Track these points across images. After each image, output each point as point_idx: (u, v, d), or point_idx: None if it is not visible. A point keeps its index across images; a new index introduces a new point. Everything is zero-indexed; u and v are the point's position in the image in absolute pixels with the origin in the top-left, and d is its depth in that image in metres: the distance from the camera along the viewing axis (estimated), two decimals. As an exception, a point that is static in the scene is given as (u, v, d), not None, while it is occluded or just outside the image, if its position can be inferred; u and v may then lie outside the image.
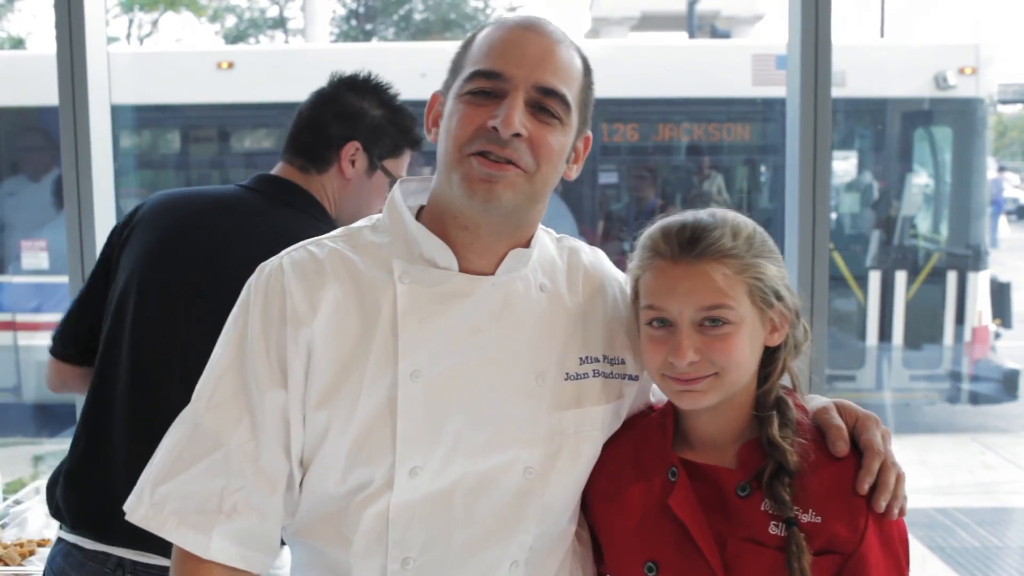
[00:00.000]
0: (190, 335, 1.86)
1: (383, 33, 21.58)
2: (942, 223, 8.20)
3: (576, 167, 1.45)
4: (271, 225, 1.94)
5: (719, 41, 11.21)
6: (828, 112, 2.61)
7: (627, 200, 8.16)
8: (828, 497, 1.33)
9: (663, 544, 1.38)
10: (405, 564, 1.34)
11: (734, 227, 1.37)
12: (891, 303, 7.75)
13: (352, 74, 2.11)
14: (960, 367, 7.93)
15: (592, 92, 1.43)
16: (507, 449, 1.36)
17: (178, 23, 33.40)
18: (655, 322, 1.37)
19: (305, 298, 1.34)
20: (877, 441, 1.36)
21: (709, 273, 1.33)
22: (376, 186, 2.10)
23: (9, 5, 20.43)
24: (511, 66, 1.31)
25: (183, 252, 1.94)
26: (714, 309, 1.33)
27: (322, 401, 1.32)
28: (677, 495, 1.38)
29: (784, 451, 1.34)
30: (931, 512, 6.02)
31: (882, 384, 7.91)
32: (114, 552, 1.87)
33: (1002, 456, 7.43)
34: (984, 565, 5.26)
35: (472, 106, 1.32)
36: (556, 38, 1.35)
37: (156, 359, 1.90)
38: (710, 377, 1.35)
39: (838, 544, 1.31)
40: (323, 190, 2.05)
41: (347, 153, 2.04)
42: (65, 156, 2.76)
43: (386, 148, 2.09)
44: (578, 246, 1.56)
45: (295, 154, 2.06)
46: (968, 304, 7.75)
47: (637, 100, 7.82)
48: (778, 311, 1.38)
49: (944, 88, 7.73)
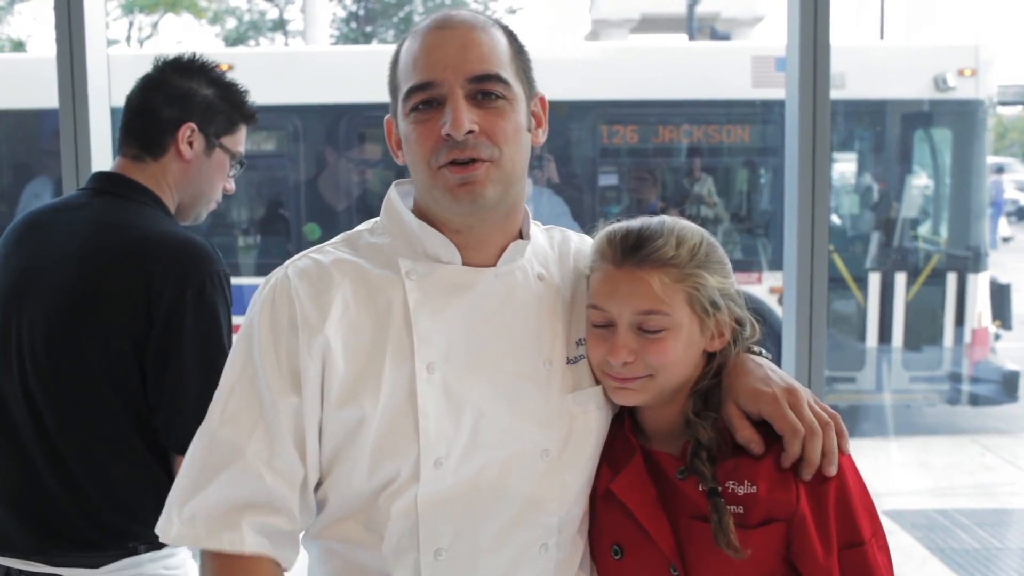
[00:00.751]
0: (23, 348, 1.91)
1: (383, 36, 21.59)
2: (942, 225, 8.20)
3: (541, 131, 1.48)
4: (91, 216, 1.97)
5: (718, 43, 11.22)
6: (827, 114, 2.61)
7: (627, 202, 8.17)
8: (759, 468, 1.38)
9: (623, 527, 1.45)
10: (438, 555, 1.36)
11: (680, 236, 1.42)
12: (891, 305, 7.75)
13: (176, 56, 2.11)
14: (960, 369, 7.93)
15: (525, 55, 1.45)
16: (525, 434, 1.40)
17: (178, 25, 33.44)
18: (598, 323, 1.44)
19: (314, 304, 1.36)
20: (787, 415, 1.37)
21: (647, 280, 1.40)
22: (216, 164, 2.10)
23: (9, 8, 20.44)
24: (438, 71, 1.34)
25: (4, 274, 1.99)
26: (649, 315, 1.40)
27: (343, 401, 1.35)
28: (620, 481, 1.44)
29: (697, 427, 1.41)
30: (931, 513, 6.02)
31: (882, 386, 7.91)
32: (2, 562, 1.92)
33: (1002, 457, 7.43)
34: (984, 567, 5.26)
35: (421, 123, 1.36)
36: (469, 25, 1.38)
37: (2, 380, 1.95)
38: (644, 378, 1.42)
39: (778, 511, 1.36)
40: (161, 176, 2.05)
41: (183, 136, 2.04)
42: (65, 159, 2.77)
43: (221, 126, 2.09)
44: (567, 234, 1.61)
45: (129, 143, 2.06)
46: (968, 306, 7.75)
47: (636, 102, 7.84)
48: (716, 320, 1.44)
49: (944, 90, 7.73)
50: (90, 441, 1.88)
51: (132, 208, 1.98)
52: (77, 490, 1.88)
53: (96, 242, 1.92)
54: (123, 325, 1.85)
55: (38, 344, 1.90)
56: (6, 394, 1.94)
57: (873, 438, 7.59)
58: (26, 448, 1.91)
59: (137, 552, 1.90)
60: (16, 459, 1.92)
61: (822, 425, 1.38)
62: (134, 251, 1.89)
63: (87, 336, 1.87)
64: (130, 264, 1.87)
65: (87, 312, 1.87)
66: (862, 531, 1.37)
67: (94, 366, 1.87)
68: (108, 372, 1.86)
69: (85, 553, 1.89)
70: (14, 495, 1.92)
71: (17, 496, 1.92)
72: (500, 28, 1.42)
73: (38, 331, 1.90)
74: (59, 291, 1.90)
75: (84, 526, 1.88)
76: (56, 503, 1.89)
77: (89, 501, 1.88)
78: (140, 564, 1.91)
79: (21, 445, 1.91)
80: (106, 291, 1.87)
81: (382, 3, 21.82)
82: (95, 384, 1.87)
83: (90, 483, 1.88)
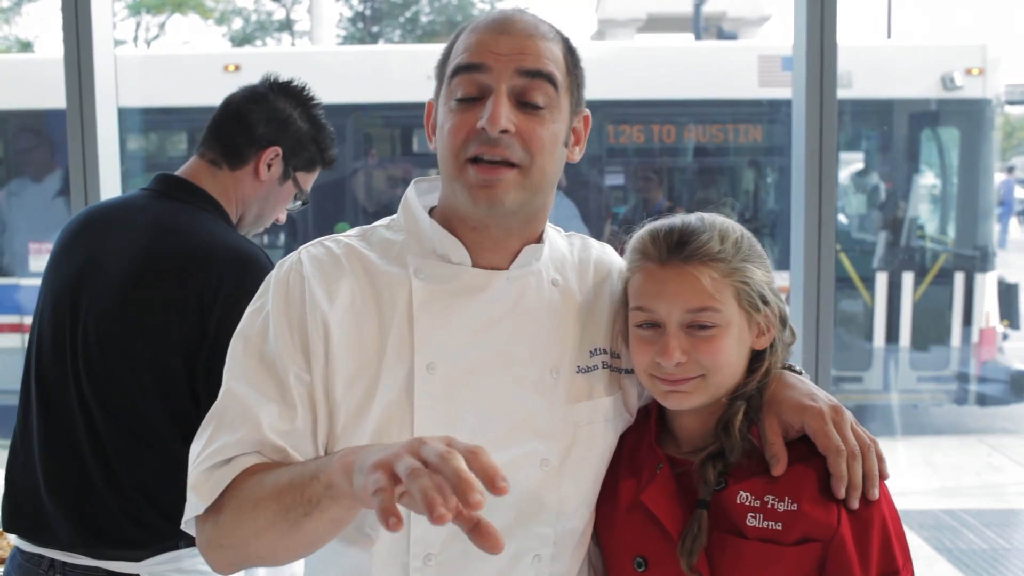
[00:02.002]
0: (77, 346, 1.93)
1: (389, 36, 21.61)
2: (949, 224, 8.18)
3: (578, 149, 1.45)
4: (150, 219, 1.98)
5: (725, 43, 11.20)
6: (834, 113, 2.61)
7: (633, 202, 8.17)
8: (800, 486, 1.34)
9: (649, 539, 1.40)
10: (427, 560, 1.35)
11: (722, 231, 1.39)
12: (898, 304, 7.73)
13: (287, 80, 2.14)
14: (968, 368, 7.91)
15: (580, 71, 1.42)
16: (524, 441, 1.37)
17: (185, 26, 33.52)
18: (644, 324, 1.39)
19: (322, 288, 1.36)
20: (833, 437, 1.35)
21: (697, 276, 1.36)
22: (284, 194, 2.14)
23: (17, 8, 20.50)
24: (490, 56, 1.32)
25: (65, 267, 2.01)
26: (701, 312, 1.35)
27: (342, 392, 1.34)
28: (650, 491, 1.40)
29: (735, 443, 1.36)
30: (938, 514, 6.01)
31: (890, 385, 7.90)
32: (46, 554, 1.95)
33: (1009, 458, 7.41)
34: (991, 567, 5.25)
35: (459, 113, 1.33)
36: (532, 24, 1.36)
37: (54, 377, 1.97)
38: (696, 379, 1.37)
39: (817, 531, 1.32)
40: (232, 187, 2.07)
41: (267, 157, 2.07)
42: (72, 159, 2.78)
43: (303, 161, 2.13)
44: (588, 242, 1.58)
45: (211, 146, 2.07)
46: (976, 305, 7.73)
47: (643, 102, 7.83)
48: (765, 315, 1.41)
49: (951, 89, 7.71)
50: (136, 446, 1.89)
51: (192, 213, 1.99)
52: (122, 492, 1.90)
53: (152, 246, 1.93)
54: (174, 333, 1.86)
55: (92, 344, 1.91)
56: (61, 390, 1.94)
57: (880, 438, 7.57)
58: (77, 445, 1.92)
59: (177, 547, 1.92)
60: (67, 455, 1.93)
61: (863, 448, 1.36)
62: (189, 258, 1.89)
63: (139, 342, 1.88)
64: (184, 272, 1.88)
65: (140, 318, 1.89)
66: (897, 559, 1.34)
67: (143, 373, 1.88)
68: (157, 381, 1.87)
69: (127, 548, 1.91)
70: (62, 489, 1.94)
71: (65, 491, 1.93)
72: (561, 39, 1.40)
73: (92, 331, 1.91)
74: (114, 293, 1.91)
75: (127, 525, 1.90)
76: (102, 501, 1.90)
77: (133, 503, 1.89)
78: (180, 559, 1.92)
79: (73, 441, 1.92)
80: (159, 298, 1.88)
81: (388, 3, 21.84)
82: (144, 391, 1.88)
83: (135, 487, 1.89)
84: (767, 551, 1.33)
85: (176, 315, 1.86)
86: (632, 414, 1.51)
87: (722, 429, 1.39)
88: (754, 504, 1.35)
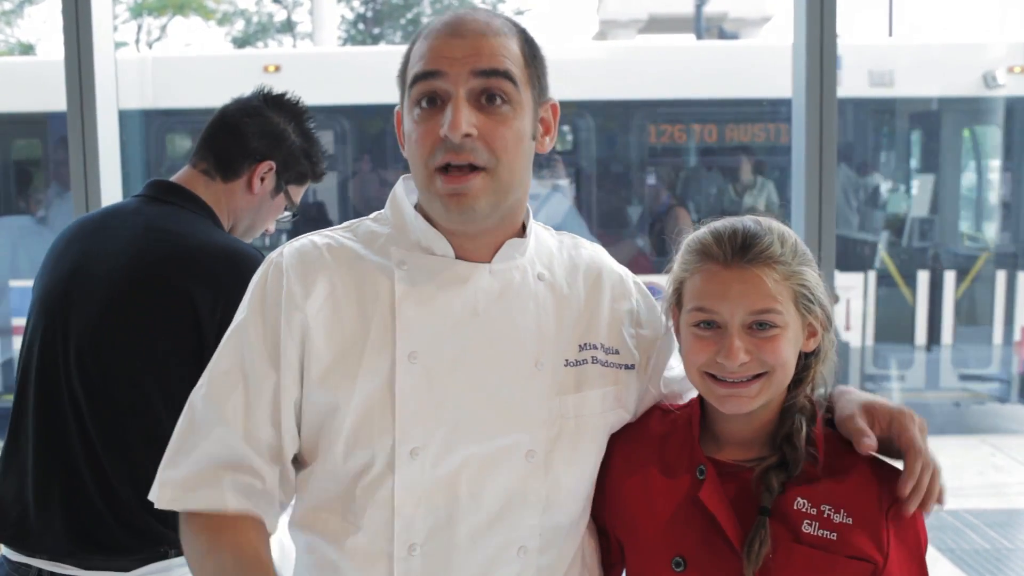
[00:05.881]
0: (69, 347, 1.93)
1: (391, 37, 21.61)
2: (991, 222, 8.15)
3: (548, 139, 1.46)
4: (141, 222, 1.99)
5: (727, 42, 11.20)
6: (833, 111, 2.61)
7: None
8: (857, 501, 1.37)
9: (691, 539, 1.41)
10: (412, 551, 1.35)
11: (780, 235, 1.41)
12: (940, 302, 7.69)
13: (281, 93, 2.15)
14: (1009, 367, 7.89)
15: (540, 60, 1.42)
16: (509, 432, 1.38)
17: (187, 28, 33.54)
18: (703, 324, 1.40)
19: (300, 282, 1.38)
20: (918, 440, 1.38)
21: (761, 278, 1.37)
22: (276, 206, 2.16)
23: (18, 11, 20.54)
24: (445, 62, 1.33)
25: (56, 272, 2.01)
26: (764, 313, 1.37)
27: (322, 381, 1.36)
28: (707, 489, 1.41)
29: (799, 457, 1.38)
30: (940, 514, 6.00)
31: (936, 383, 7.88)
32: (34, 563, 1.94)
33: (1012, 457, 7.40)
34: (994, 567, 5.24)
35: (423, 122, 1.34)
36: (484, 23, 1.36)
37: (48, 380, 1.96)
38: (761, 377, 1.38)
39: (868, 551, 1.35)
40: (224, 198, 2.08)
41: (260, 171, 2.08)
42: (73, 162, 2.78)
43: (295, 175, 2.14)
44: (579, 241, 1.58)
45: (204, 157, 2.08)
46: (1018, 303, 7.70)
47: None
48: (816, 317, 1.43)
49: (993, 87, 7.68)
50: (131, 443, 1.89)
51: (183, 216, 2.00)
52: (113, 493, 1.90)
53: (145, 248, 1.93)
54: (169, 333, 1.87)
55: (85, 347, 1.91)
56: (51, 395, 1.95)
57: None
58: (69, 449, 1.92)
59: (167, 556, 1.91)
60: (57, 460, 1.93)
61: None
62: (182, 259, 1.91)
63: (133, 342, 1.89)
64: (177, 273, 1.89)
65: (133, 320, 1.89)
66: None
67: (139, 372, 1.88)
68: (156, 380, 1.88)
69: (116, 556, 1.90)
70: (51, 495, 1.93)
71: (54, 496, 1.93)
72: (516, 30, 1.40)
73: (85, 334, 1.91)
74: (106, 296, 1.91)
75: (117, 529, 1.90)
76: (92, 505, 1.90)
77: (124, 504, 1.89)
78: (169, 568, 1.92)
79: (64, 446, 1.92)
80: (153, 300, 1.89)
81: (389, 5, 21.85)
82: (140, 390, 1.88)
83: (125, 486, 1.89)
84: (822, 559, 1.35)
85: (170, 315, 1.87)
86: (629, 410, 1.51)
87: (785, 442, 1.40)
88: (811, 512, 1.37)
